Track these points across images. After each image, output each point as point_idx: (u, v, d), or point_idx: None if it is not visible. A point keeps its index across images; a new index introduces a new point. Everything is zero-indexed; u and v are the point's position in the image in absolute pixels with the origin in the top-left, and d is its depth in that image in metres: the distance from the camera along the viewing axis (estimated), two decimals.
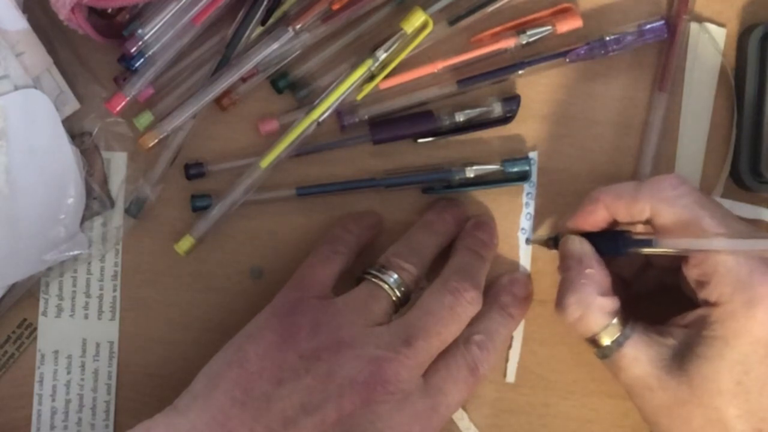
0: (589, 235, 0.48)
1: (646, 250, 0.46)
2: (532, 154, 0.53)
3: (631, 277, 0.52)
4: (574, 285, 0.47)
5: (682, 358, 0.45)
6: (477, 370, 0.46)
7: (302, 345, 0.43)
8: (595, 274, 0.47)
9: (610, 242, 0.48)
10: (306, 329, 0.44)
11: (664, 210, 0.46)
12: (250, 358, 0.43)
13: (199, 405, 0.43)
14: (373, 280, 0.47)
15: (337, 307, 0.45)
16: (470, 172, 0.52)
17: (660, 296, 0.50)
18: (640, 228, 0.48)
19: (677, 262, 0.47)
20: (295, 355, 0.43)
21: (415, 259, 0.48)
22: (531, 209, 0.53)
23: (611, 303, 0.47)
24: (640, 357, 0.46)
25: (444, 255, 0.50)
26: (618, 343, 0.46)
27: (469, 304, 0.46)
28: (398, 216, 0.53)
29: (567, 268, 0.48)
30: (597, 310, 0.46)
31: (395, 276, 0.47)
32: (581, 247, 0.48)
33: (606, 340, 0.47)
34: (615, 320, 0.46)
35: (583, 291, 0.46)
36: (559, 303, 0.48)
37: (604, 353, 0.47)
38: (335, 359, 0.43)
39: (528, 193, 0.53)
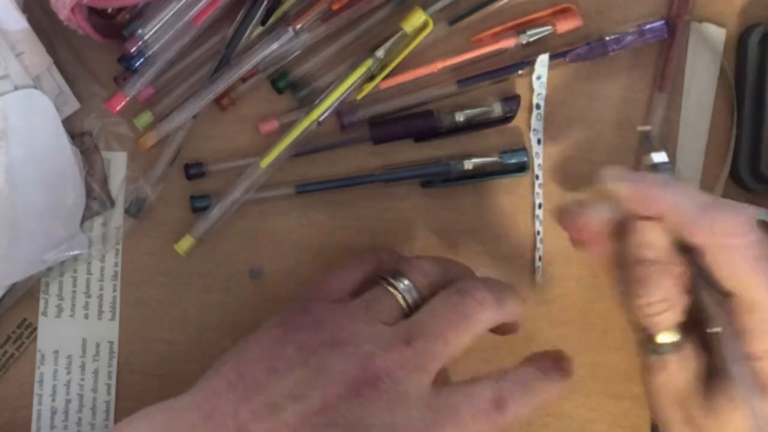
0: None
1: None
2: (544, 56, 0.52)
3: None
4: (660, 280, 0.43)
5: (715, 388, 0.43)
6: (505, 405, 0.42)
7: (302, 339, 0.43)
8: (680, 270, 0.43)
9: None
10: (310, 326, 0.44)
11: (721, 258, 0.42)
12: (250, 348, 0.43)
13: (197, 387, 0.43)
14: (386, 286, 0.45)
15: (346, 309, 0.45)
16: (468, 165, 0.52)
17: None
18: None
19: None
20: (293, 347, 0.43)
21: (432, 266, 0.46)
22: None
23: (687, 301, 0.44)
24: (686, 368, 0.44)
25: None
26: (675, 346, 0.44)
27: (480, 304, 0.44)
28: (398, 213, 0.52)
29: (648, 262, 0.43)
30: (681, 308, 0.44)
31: (406, 282, 0.45)
32: (663, 239, 0.44)
33: (667, 338, 0.44)
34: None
35: (671, 289, 0.43)
36: (641, 298, 0.44)
37: (658, 350, 0.44)
38: (330, 354, 0.42)
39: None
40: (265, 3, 0.49)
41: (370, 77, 0.51)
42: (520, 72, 0.52)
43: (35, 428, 0.51)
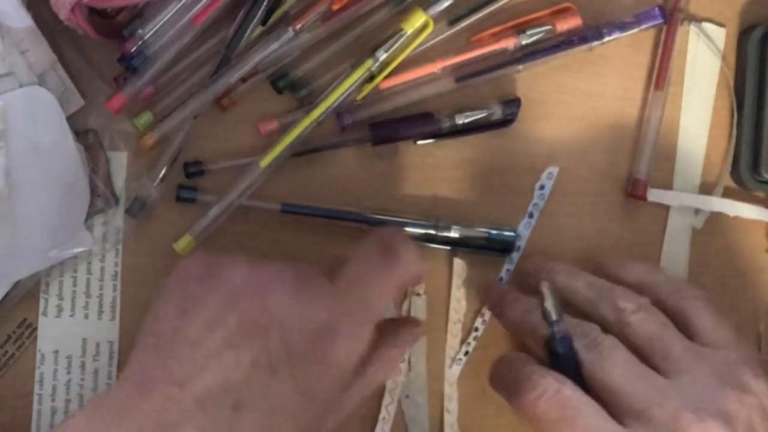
0: None
1: None
2: (553, 170, 0.53)
3: None
4: None
5: None
6: (393, 251, 0.44)
7: (197, 273, 0.43)
8: None
9: None
10: (198, 263, 0.44)
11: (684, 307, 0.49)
12: (157, 309, 0.43)
13: (126, 370, 0.43)
14: None
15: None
16: (455, 231, 0.52)
17: None
18: None
19: None
20: (193, 283, 0.43)
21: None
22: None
23: None
24: None
25: None
26: None
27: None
28: None
29: None
30: None
31: None
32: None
33: None
34: None
35: None
36: None
37: None
38: (229, 273, 0.43)
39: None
40: (265, 3, 0.49)
41: (370, 77, 0.51)
42: (520, 67, 0.52)
43: (35, 428, 0.51)
